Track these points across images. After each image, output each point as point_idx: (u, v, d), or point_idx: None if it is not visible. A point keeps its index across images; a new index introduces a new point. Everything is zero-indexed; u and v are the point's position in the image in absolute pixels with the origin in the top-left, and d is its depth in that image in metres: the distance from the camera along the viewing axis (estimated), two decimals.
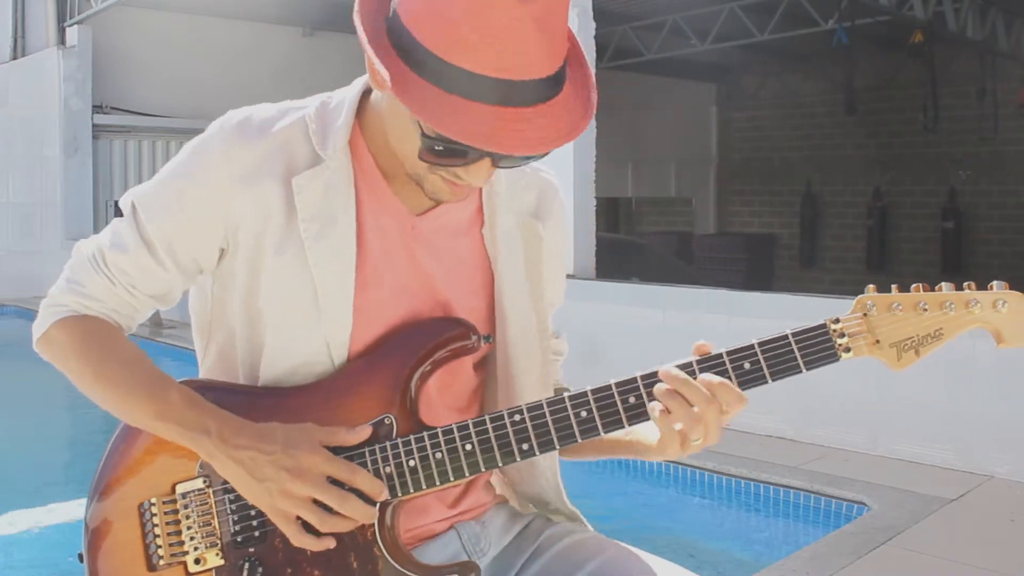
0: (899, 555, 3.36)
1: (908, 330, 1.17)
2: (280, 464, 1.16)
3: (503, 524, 1.41)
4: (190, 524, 1.23)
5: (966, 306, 1.16)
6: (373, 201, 1.27)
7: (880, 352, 1.18)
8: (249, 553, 1.21)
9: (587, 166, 6.17)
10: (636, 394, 1.18)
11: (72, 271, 1.31)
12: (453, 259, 1.33)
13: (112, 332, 1.29)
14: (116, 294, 1.29)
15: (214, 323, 1.34)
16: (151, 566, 1.23)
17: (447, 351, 1.26)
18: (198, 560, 1.22)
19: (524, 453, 1.19)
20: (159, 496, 1.24)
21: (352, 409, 1.23)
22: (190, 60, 11.14)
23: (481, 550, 1.36)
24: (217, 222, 1.25)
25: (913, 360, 1.17)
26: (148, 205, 1.28)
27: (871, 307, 1.18)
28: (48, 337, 1.29)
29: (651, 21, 11.43)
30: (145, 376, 1.25)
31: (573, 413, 1.18)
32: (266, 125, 1.25)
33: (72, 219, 10.92)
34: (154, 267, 1.27)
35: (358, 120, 1.28)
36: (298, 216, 1.23)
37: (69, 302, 1.29)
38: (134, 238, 1.27)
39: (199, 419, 1.20)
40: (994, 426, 4.27)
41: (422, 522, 1.33)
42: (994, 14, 10.67)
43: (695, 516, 4.46)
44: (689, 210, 15.14)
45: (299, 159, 1.24)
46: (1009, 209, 11.94)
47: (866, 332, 1.18)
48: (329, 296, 1.23)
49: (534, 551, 1.37)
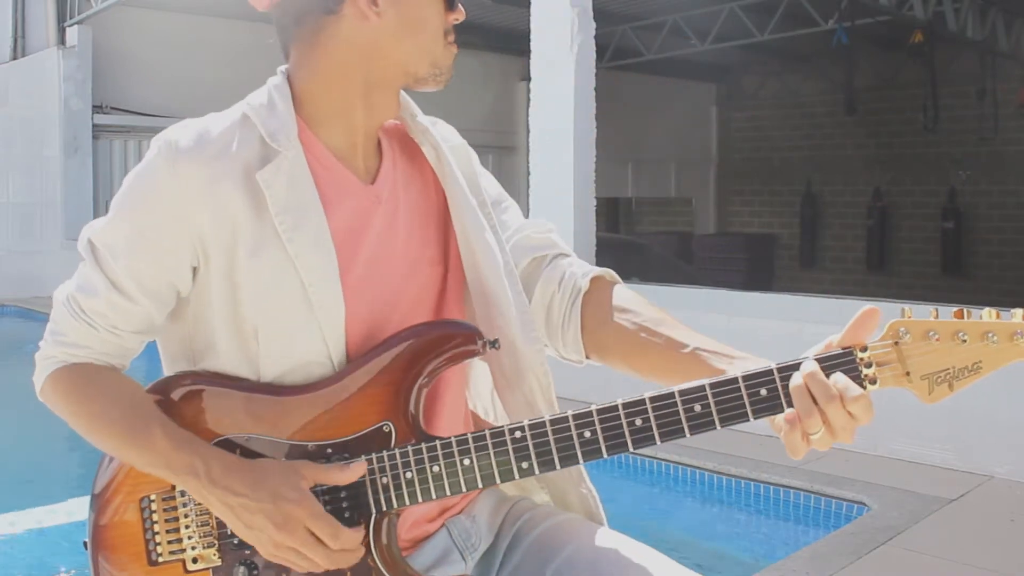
0: (899, 555, 3.35)
1: (944, 362, 1.07)
2: (268, 515, 1.15)
3: (490, 514, 1.40)
4: (188, 523, 1.23)
5: (1011, 338, 1.05)
6: (330, 181, 1.28)
7: (910, 384, 1.09)
8: (245, 555, 1.21)
9: (587, 166, 6.16)
10: (644, 416, 1.13)
11: (54, 322, 1.30)
12: (413, 210, 1.35)
13: (101, 376, 1.29)
14: (100, 338, 1.27)
15: (205, 350, 1.29)
16: (151, 561, 1.23)
17: (449, 357, 1.24)
18: (196, 559, 1.22)
19: (523, 472, 1.17)
20: (159, 492, 1.24)
21: (351, 414, 1.22)
22: (190, 60, 11.13)
23: (472, 545, 1.36)
24: (182, 242, 1.23)
25: (946, 394, 1.08)
26: (107, 244, 1.26)
27: (904, 334, 1.08)
28: (44, 392, 1.31)
29: (651, 21, 11.43)
30: (128, 422, 1.24)
31: (576, 433, 1.15)
32: (204, 135, 1.24)
33: (72, 219, 10.91)
34: (127, 305, 1.25)
35: (296, 106, 1.30)
36: (270, 211, 1.22)
37: (57, 354, 1.29)
38: (101, 280, 1.25)
39: (186, 460, 1.19)
40: (994, 426, 4.27)
41: (415, 520, 1.33)
42: (994, 14, 10.66)
43: (695, 516, 4.46)
44: (689, 210, 15.12)
45: (252, 156, 1.24)
46: (1009, 209, 11.92)
47: (896, 362, 1.08)
48: (318, 285, 1.22)
49: (514, 536, 1.37)
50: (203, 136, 1.24)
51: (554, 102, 6.15)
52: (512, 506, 1.42)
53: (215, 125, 1.26)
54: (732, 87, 14.91)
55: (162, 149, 1.23)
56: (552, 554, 1.30)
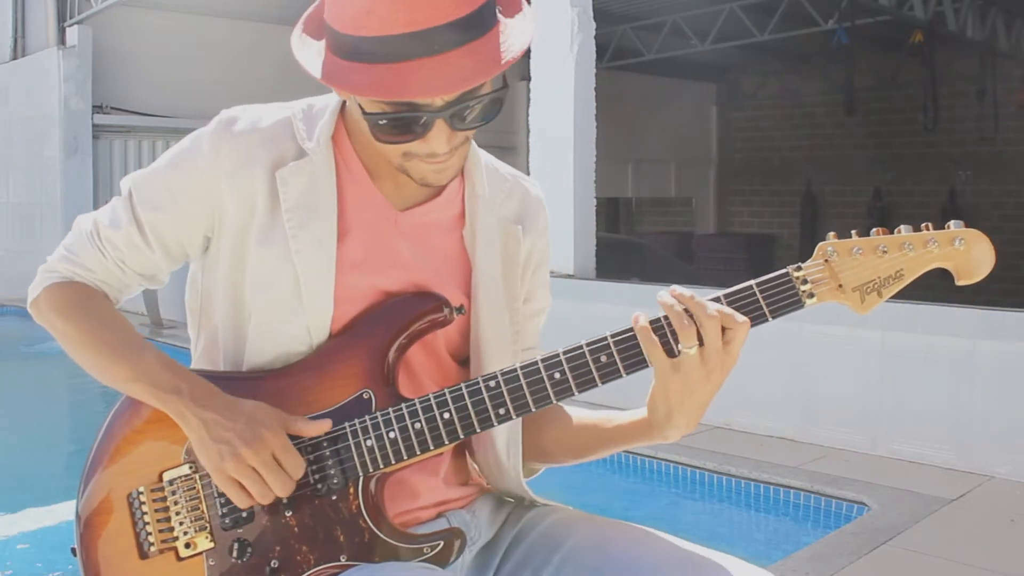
0: (899, 555, 3.35)
1: (870, 273, 1.18)
2: (239, 433, 1.20)
3: (491, 513, 1.43)
4: (179, 510, 1.25)
5: (924, 245, 1.17)
6: (356, 194, 1.32)
7: (844, 296, 1.19)
8: (238, 534, 1.24)
9: (587, 166, 6.17)
10: (607, 352, 1.19)
11: (70, 241, 1.39)
12: (434, 255, 1.36)
13: (98, 298, 1.36)
14: (106, 267, 1.36)
15: (203, 317, 1.39)
16: (143, 554, 1.25)
17: (423, 323, 1.29)
18: (188, 544, 1.24)
19: (501, 418, 1.22)
20: (147, 485, 1.26)
21: (331, 386, 1.26)
22: (190, 60, 11.13)
23: (471, 539, 1.38)
24: (204, 211, 1.31)
25: (876, 302, 1.18)
26: (142, 189, 1.35)
27: (832, 253, 1.19)
28: (40, 300, 1.37)
29: (651, 21, 11.43)
30: (124, 338, 1.31)
31: (547, 375, 1.20)
32: (254, 122, 1.31)
33: (72, 219, 10.76)
34: (142, 247, 1.34)
35: (342, 119, 1.34)
36: (282, 207, 1.28)
37: (62, 268, 1.37)
38: (127, 217, 1.34)
39: (172, 380, 1.24)
40: (994, 426, 4.27)
41: (410, 506, 1.34)
42: (994, 14, 10.67)
43: (695, 516, 4.46)
44: (689, 210, 15.13)
45: (285, 153, 1.30)
46: (1009, 209, 11.93)
47: (829, 277, 1.18)
48: (310, 283, 1.28)
49: (516, 535, 1.40)
50: (252, 123, 1.31)
51: (554, 102, 6.15)
52: (514, 508, 1.45)
53: (269, 115, 1.33)
54: (732, 87, 14.92)
55: (217, 124, 1.32)
56: (559, 542, 1.33)
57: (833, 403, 4.76)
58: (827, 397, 4.79)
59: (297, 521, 1.23)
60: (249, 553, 1.23)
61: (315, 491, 1.23)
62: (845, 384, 4.72)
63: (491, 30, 1.16)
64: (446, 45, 1.11)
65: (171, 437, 1.25)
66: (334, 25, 1.17)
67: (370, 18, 1.11)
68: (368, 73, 1.12)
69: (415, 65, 1.11)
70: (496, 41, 1.15)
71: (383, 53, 1.12)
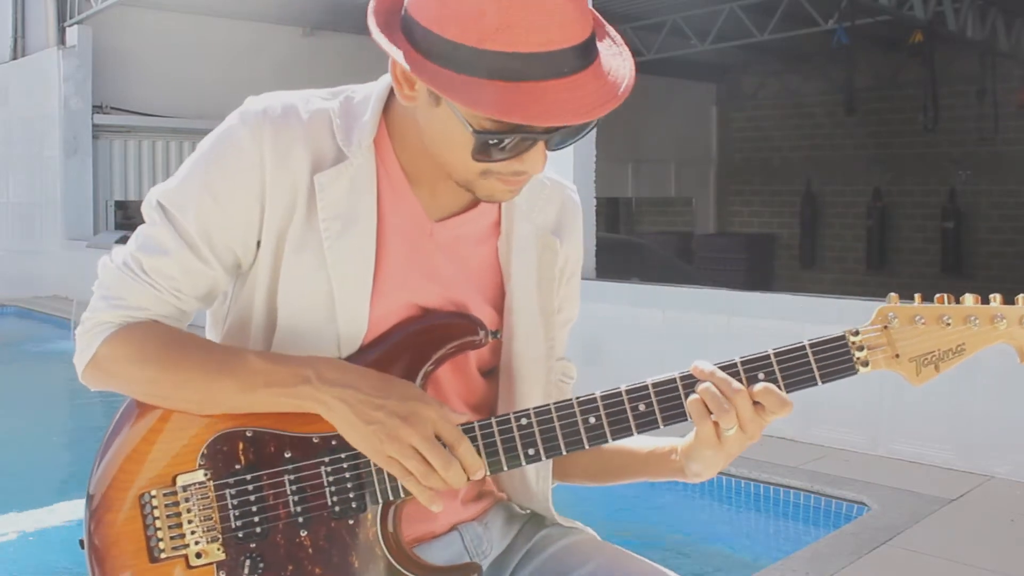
0: (899, 555, 3.36)
1: (929, 344, 1.13)
2: (392, 410, 1.13)
3: (503, 525, 1.40)
4: (191, 517, 1.21)
5: (991, 321, 1.12)
6: (392, 201, 1.25)
7: (899, 366, 1.14)
8: (251, 549, 1.20)
9: (587, 166, 6.16)
10: (646, 401, 1.15)
11: (106, 289, 1.24)
12: (468, 267, 1.31)
13: (166, 327, 1.25)
14: (162, 300, 1.23)
15: (230, 315, 1.31)
16: (153, 558, 1.21)
17: (453, 346, 1.24)
18: (199, 554, 1.20)
19: (530, 458, 1.17)
20: (159, 488, 1.22)
21: None
22: (190, 60, 11.14)
23: (483, 552, 1.35)
24: (253, 210, 1.21)
25: (932, 375, 1.13)
26: (179, 203, 1.22)
27: (892, 319, 1.14)
28: (100, 359, 1.23)
29: (651, 21, 11.43)
30: (215, 358, 1.21)
31: (582, 419, 1.16)
32: (290, 111, 1.22)
33: (72, 219, 10.92)
34: (199, 266, 1.23)
35: (385, 118, 1.25)
36: (319, 215, 1.20)
37: (112, 318, 1.23)
38: (172, 239, 1.22)
39: (293, 371, 1.16)
40: (994, 426, 4.27)
41: (425, 522, 1.31)
42: (994, 14, 10.68)
43: (695, 516, 4.46)
44: (689, 210, 15.14)
45: (324, 153, 1.22)
46: (1009, 209, 11.93)
47: (886, 345, 1.14)
48: (345, 297, 1.21)
49: (528, 551, 1.36)
50: (288, 111, 1.22)
51: None
52: (525, 523, 1.42)
53: (305, 105, 1.23)
54: (732, 87, 14.92)
55: (247, 114, 1.22)
56: (569, 569, 1.30)
57: (833, 403, 4.76)
58: (827, 397, 4.77)
59: (312, 542, 1.19)
60: (261, 569, 1.19)
61: (332, 513, 1.19)
62: (845, 384, 4.70)
63: (599, 55, 1.12)
64: (574, 68, 1.06)
65: (187, 438, 1.21)
66: (438, 31, 1.06)
67: (501, 33, 1.03)
68: (497, 92, 1.04)
69: (547, 87, 1.05)
70: (602, 66, 1.11)
71: (511, 70, 1.04)
